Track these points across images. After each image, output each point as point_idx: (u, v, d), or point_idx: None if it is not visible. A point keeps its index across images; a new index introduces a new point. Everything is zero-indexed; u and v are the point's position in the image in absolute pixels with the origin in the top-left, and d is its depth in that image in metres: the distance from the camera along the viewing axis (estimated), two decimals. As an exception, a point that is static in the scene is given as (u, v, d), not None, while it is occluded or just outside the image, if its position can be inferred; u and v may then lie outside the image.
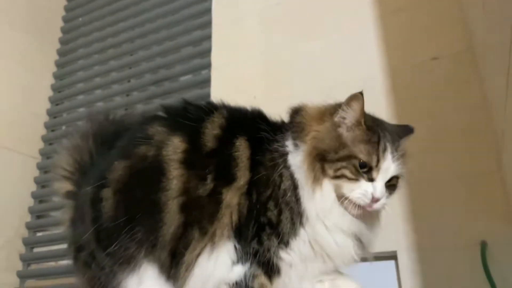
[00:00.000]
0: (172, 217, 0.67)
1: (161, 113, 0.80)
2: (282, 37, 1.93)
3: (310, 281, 0.74)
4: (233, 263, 0.68)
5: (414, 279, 1.44)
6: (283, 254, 0.69)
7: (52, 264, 2.19)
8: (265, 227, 0.68)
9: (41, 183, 2.34)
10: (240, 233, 0.68)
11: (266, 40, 1.96)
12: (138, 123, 0.80)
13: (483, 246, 1.35)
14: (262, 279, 0.68)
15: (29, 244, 2.22)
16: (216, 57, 2.05)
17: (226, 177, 0.70)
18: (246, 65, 1.95)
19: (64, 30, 2.65)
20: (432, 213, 1.43)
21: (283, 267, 0.70)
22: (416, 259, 1.46)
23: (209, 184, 0.68)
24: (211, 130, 0.73)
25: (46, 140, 2.42)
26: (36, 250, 2.23)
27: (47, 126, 2.45)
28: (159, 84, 2.22)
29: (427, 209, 1.42)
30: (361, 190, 0.68)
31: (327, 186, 0.70)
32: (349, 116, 0.71)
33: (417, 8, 1.70)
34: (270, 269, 0.68)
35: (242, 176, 0.70)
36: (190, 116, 0.75)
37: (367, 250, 0.76)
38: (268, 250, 0.68)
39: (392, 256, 1.52)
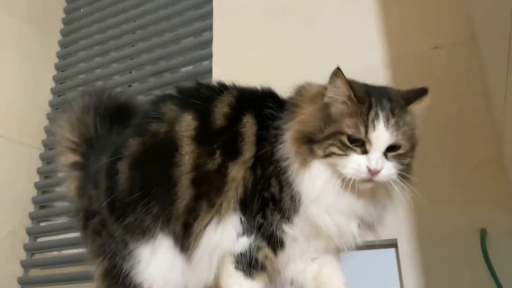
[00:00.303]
0: (184, 191, 0.70)
1: (173, 93, 0.83)
2: (283, 27, 1.93)
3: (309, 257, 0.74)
4: (239, 235, 0.70)
5: (415, 267, 1.46)
6: (286, 228, 0.70)
7: (55, 253, 2.21)
8: (269, 202, 0.69)
9: (44, 174, 2.36)
10: (245, 206, 0.70)
11: (267, 30, 1.96)
12: (152, 102, 0.83)
13: (483, 233, 1.37)
14: (266, 251, 0.70)
15: (32, 234, 2.24)
16: (217, 48, 2.06)
17: (232, 152, 0.72)
18: (247, 56, 1.96)
19: (65, 22, 2.65)
20: (433, 201, 1.42)
21: (287, 240, 0.71)
22: (416, 247, 1.48)
23: (217, 158, 0.71)
24: (221, 109, 0.76)
25: (48, 131, 2.43)
26: (39, 240, 2.25)
27: (49, 117, 2.46)
28: (160, 75, 2.22)
29: (427, 197, 1.42)
30: (353, 165, 0.66)
31: (317, 167, 0.68)
32: (336, 93, 0.70)
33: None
34: (274, 242, 0.70)
35: (248, 151, 0.72)
36: (202, 96, 0.78)
37: (374, 229, 0.75)
38: (271, 224, 0.69)
39: (392, 244, 1.54)
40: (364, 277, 0.80)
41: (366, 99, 0.69)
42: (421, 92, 0.72)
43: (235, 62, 1.98)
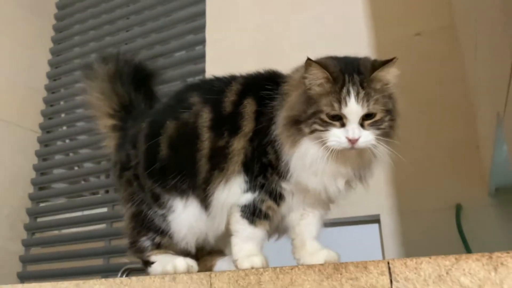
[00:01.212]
0: (203, 167, 0.87)
1: (198, 83, 1.00)
2: (275, 12, 1.99)
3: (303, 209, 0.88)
4: (243, 192, 0.84)
5: (396, 240, 1.56)
6: (284, 185, 0.83)
7: (55, 232, 2.29)
8: (267, 167, 0.83)
9: (42, 156, 2.42)
10: (247, 170, 0.84)
11: (260, 15, 2.02)
12: (183, 89, 0.99)
13: (458, 208, 1.47)
14: (270, 202, 0.83)
15: (32, 214, 2.32)
16: (210, 33, 2.11)
17: (235, 129, 0.86)
18: (240, 40, 2.01)
19: (59, 6, 2.67)
20: (413, 178, 1.54)
21: (286, 194, 0.84)
22: (398, 221, 1.58)
23: (226, 138, 0.86)
24: (229, 98, 0.89)
25: (45, 114, 2.49)
26: (39, 220, 2.33)
27: (46, 101, 2.51)
28: (154, 60, 2.27)
29: (408, 175, 1.53)
30: (333, 137, 0.75)
31: (305, 144, 0.78)
32: (313, 79, 0.78)
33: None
34: (275, 196, 0.83)
35: (247, 126, 0.85)
36: (215, 89, 0.91)
37: (366, 181, 0.84)
38: (272, 183, 0.83)
39: (375, 220, 1.64)
40: (349, 252, 0.89)
41: (340, 77, 0.77)
42: (388, 61, 0.78)
43: (228, 47, 2.04)
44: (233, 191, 0.84)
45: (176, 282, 0.69)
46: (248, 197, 0.83)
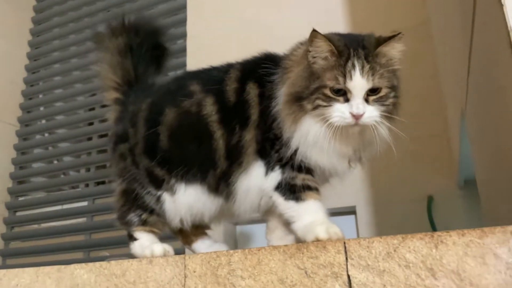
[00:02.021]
0: (222, 163, 0.86)
1: (195, 71, 0.98)
2: (257, 6, 2.01)
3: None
4: (266, 175, 0.82)
5: (371, 230, 1.61)
6: (304, 160, 0.80)
7: (35, 226, 2.28)
8: (275, 141, 0.81)
9: (21, 150, 2.40)
10: (262, 154, 0.83)
11: (241, 9, 2.04)
12: (183, 76, 1.00)
13: (430, 199, 1.52)
14: (302, 176, 0.80)
15: (11, 208, 2.30)
16: (191, 27, 2.12)
17: (245, 120, 0.85)
18: (221, 34, 2.03)
19: (37, -2, 2.65)
20: (388, 171, 1.58)
21: (311, 165, 0.81)
22: (373, 212, 1.62)
23: (237, 133, 0.85)
24: (230, 86, 0.88)
25: (24, 108, 2.46)
26: (18, 214, 2.31)
27: (24, 94, 2.49)
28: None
29: (383, 168, 1.57)
30: (337, 113, 0.72)
31: (307, 122, 0.76)
32: (318, 51, 0.76)
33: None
34: (302, 168, 0.80)
35: (254, 113, 0.84)
36: (215, 78, 0.90)
37: (363, 162, 0.84)
38: (286, 156, 0.80)
39: (351, 211, 1.68)
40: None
41: (345, 51, 0.74)
42: (393, 36, 0.77)
43: (209, 41, 2.05)
44: (254, 177, 0.83)
45: (153, 264, 0.71)
46: (273, 178, 0.81)
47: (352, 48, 0.74)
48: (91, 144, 2.27)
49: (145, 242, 0.92)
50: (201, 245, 0.99)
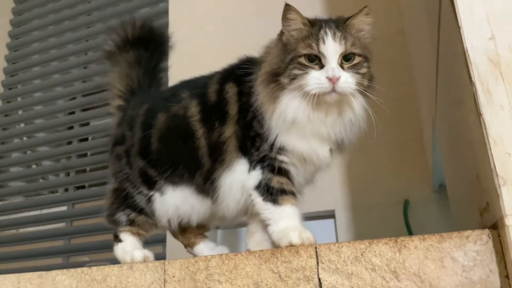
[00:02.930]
0: (206, 161, 0.88)
1: (187, 80, 1.01)
2: (238, 14, 2.04)
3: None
4: (248, 171, 0.84)
5: (350, 234, 1.64)
6: (280, 157, 0.82)
7: (13, 231, 2.24)
8: (255, 138, 0.83)
9: (-1, 154, 2.37)
10: (244, 150, 0.85)
11: (223, 16, 2.06)
12: (177, 85, 1.02)
13: (406, 203, 1.57)
14: (277, 178, 0.82)
15: (-12, 213, 2.26)
16: (173, 33, 2.13)
17: (223, 116, 0.87)
18: (203, 41, 2.05)
19: (16, 1, 2.61)
20: (365, 175, 1.63)
21: (288, 167, 0.83)
22: (352, 216, 1.66)
23: (217, 128, 0.87)
24: (212, 87, 0.91)
25: (2, 111, 2.43)
26: (-4, 219, 2.27)
27: (2, 97, 2.45)
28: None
29: (361, 172, 1.61)
30: (314, 80, 0.74)
31: (285, 98, 0.77)
32: (291, 24, 0.80)
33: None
34: (278, 171, 0.82)
35: (232, 109, 0.87)
36: (199, 84, 0.94)
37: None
38: (265, 155, 0.82)
39: (331, 215, 1.72)
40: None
41: (317, 22, 0.78)
42: (360, 10, 0.80)
43: (191, 47, 2.06)
44: (237, 174, 0.85)
45: (133, 270, 0.73)
46: (254, 177, 0.82)
47: (323, 21, 0.79)
48: (71, 148, 2.25)
49: (128, 246, 0.93)
50: (204, 247, 1.01)
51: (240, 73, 0.86)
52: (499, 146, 0.49)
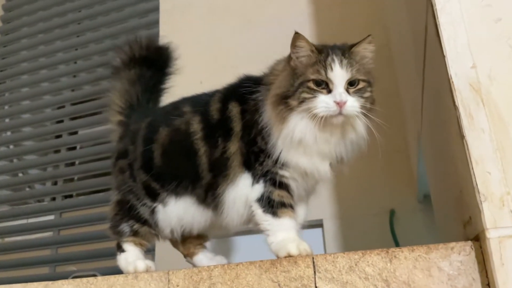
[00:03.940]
0: (206, 175, 0.92)
1: (190, 97, 1.05)
2: (227, 25, 2.08)
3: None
4: (251, 185, 0.88)
5: (337, 243, 1.69)
6: (282, 172, 0.86)
7: (-1, 241, 2.22)
8: (259, 153, 0.87)
9: (-15, 162, 2.34)
10: (248, 165, 0.89)
11: (212, 27, 2.10)
12: (180, 100, 1.05)
13: (392, 213, 1.63)
14: (278, 191, 0.86)
15: (-27, 222, 2.23)
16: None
17: (228, 133, 0.91)
18: (193, 51, 2.08)
19: (5, 8, 2.60)
20: (353, 186, 1.67)
21: (289, 181, 0.87)
22: (339, 226, 1.71)
23: (220, 145, 0.91)
24: (214, 106, 0.95)
25: (-11, 119, 2.41)
26: (-20, 228, 2.24)
27: (-10, 104, 2.44)
28: (107, 66, 2.28)
29: (348, 182, 1.65)
30: (322, 103, 0.79)
31: (294, 119, 0.82)
32: (300, 51, 0.85)
33: (347, 7, 1.93)
34: (280, 185, 0.86)
35: (237, 126, 0.91)
36: (201, 102, 0.98)
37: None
38: (268, 170, 0.86)
39: (319, 224, 1.76)
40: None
41: (324, 50, 0.83)
42: (363, 38, 0.86)
43: (181, 57, 2.09)
44: (241, 189, 0.89)
45: (138, 280, 0.75)
46: (257, 190, 0.87)
47: (330, 48, 0.84)
48: (58, 157, 2.25)
49: (130, 257, 0.96)
50: (203, 257, 1.05)
51: (242, 92, 0.90)
52: (480, 165, 0.54)
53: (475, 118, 0.55)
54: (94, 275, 1.45)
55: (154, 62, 1.18)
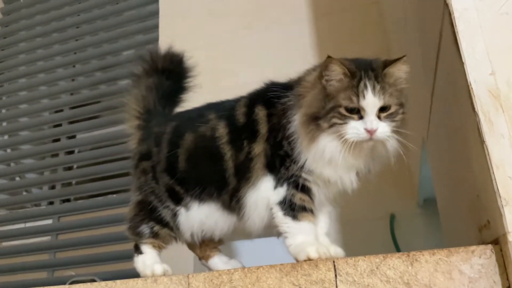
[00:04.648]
0: (232, 181, 0.93)
1: (217, 101, 1.06)
2: (227, 29, 2.09)
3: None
4: (274, 188, 0.88)
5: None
6: (305, 175, 0.86)
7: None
8: (285, 158, 0.87)
9: (-19, 166, 2.32)
10: (271, 168, 0.89)
11: (212, 32, 2.11)
12: (205, 106, 1.06)
13: (392, 218, 1.64)
14: (300, 195, 0.86)
15: (-31, 227, 2.20)
16: (163, 46, 2.16)
17: (253, 135, 0.91)
18: (192, 56, 2.08)
19: (3, 11, 2.59)
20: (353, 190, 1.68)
21: (311, 185, 0.87)
22: (340, 230, 1.71)
23: (246, 147, 0.91)
24: (240, 110, 0.96)
25: (-12, 123, 2.39)
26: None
27: (-12, 108, 2.42)
28: (105, 71, 2.28)
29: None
30: (352, 130, 0.79)
31: (323, 139, 0.82)
32: (333, 75, 0.83)
33: (346, 12, 1.95)
34: (302, 188, 0.86)
35: (263, 128, 0.91)
36: (227, 106, 0.99)
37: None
38: (293, 174, 0.86)
39: (319, 228, 1.76)
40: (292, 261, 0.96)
41: (357, 73, 0.81)
42: (398, 58, 0.84)
43: (181, 62, 2.10)
44: (262, 192, 0.89)
45: (158, 283, 0.75)
46: (280, 193, 0.87)
47: (363, 70, 0.82)
48: (56, 161, 2.23)
49: (148, 260, 0.96)
50: (218, 261, 1.05)
51: (269, 96, 0.91)
52: (501, 170, 0.55)
53: (495, 124, 0.57)
54: (93, 280, 1.44)
55: (174, 74, 1.19)
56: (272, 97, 0.90)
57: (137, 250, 0.99)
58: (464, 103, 0.63)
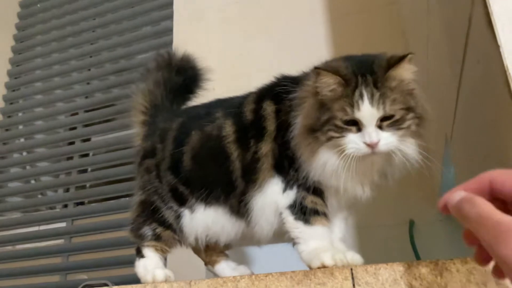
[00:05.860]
0: (240, 183, 0.87)
1: (221, 100, 1.00)
2: (240, 34, 2.07)
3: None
4: (283, 191, 0.82)
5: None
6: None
7: (9, 248, 2.20)
8: (294, 159, 0.80)
9: (-3, 169, 2.33)
10: (280, 169, 0.83)
11: (225, 36, 2.09)
12: (213, 102, 1.01)
13: (411, 224, 1.58)
14: (311, 197, 0.80)
15: (-16, 229, 2.21)
16: (177, 49, 2.15)
17: (260, 132, 0.85)
18: (206, 60, 2.06)
19: (20, 16, 2.62)
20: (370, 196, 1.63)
21: (322, 187, 0.80)
22: (356, 236, 1.66)
23: (253, 146, 0.85)
24: (248, 107, 0.90)
25: (2, 126, 2.41)
26: (-9, 235, 2.23)
27: (3, 112, 2.43)
28: (119, 74, 2.28)
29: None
30: (351, 144, 0.71)
31: (323, 153, 0.75)
32: (324, 86, 0.75)
33: (364, 14, 1.91)
34: (313, 190, 0.80)
35: (271, 125, 0.85)
36: (234, 103, 0.93)
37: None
38: (303, 175, 0.79)
39: (336, 234, 1.71)
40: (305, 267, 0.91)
41: (352, 79, 0.72)
42: (403, 56, 0.73)
43: (195, 65, 2.08)
44: (269, 195, 0.83)
45: (158, 289, 0.71)
46: (289, 196, 0.81)
47: (360, 74, 0.72)
48: (71, 164, 2.23)
49: (150, 264, 0.92)
50: (225, 267, 1.00)
51: (278, 91, 0.84)
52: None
53: (533, 112, 0.52)
54: (106, 285, 1.42)
55: (185, 71, 1.15)
56: (281, 92, 0.84)
57: (139, 253, 0.95)
58: (500, 91, 0.57)
